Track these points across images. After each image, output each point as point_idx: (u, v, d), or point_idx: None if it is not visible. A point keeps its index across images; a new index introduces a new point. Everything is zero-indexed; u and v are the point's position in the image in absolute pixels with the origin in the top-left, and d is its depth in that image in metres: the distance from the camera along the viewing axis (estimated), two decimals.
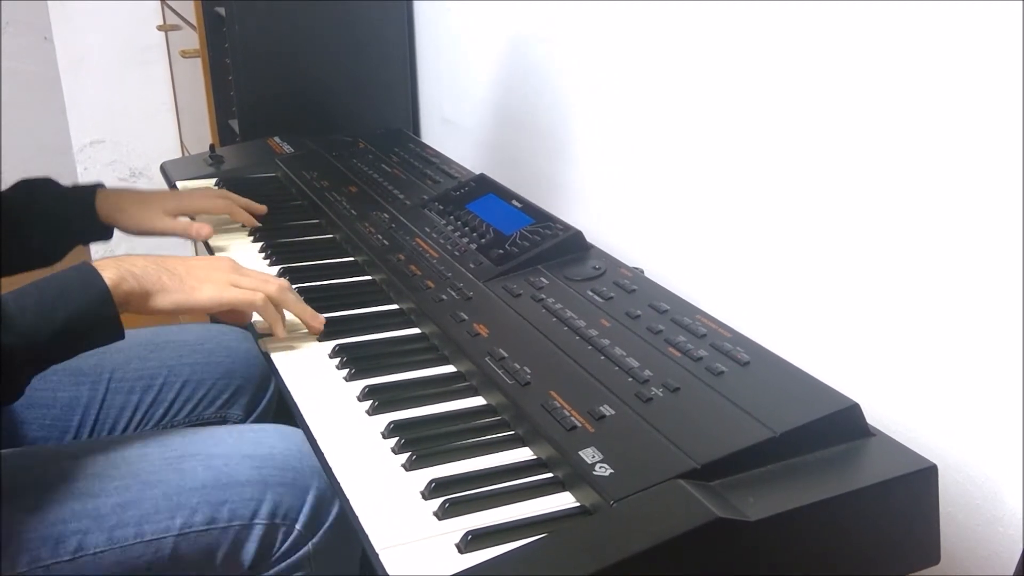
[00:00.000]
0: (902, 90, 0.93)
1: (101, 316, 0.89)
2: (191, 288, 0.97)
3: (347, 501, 0.79)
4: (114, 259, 0.94)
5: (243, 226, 1.37)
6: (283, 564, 0.97)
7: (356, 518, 0.77)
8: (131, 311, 0.93)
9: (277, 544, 0.96)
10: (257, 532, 0.95)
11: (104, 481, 0.93)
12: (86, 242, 1.29)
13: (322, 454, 0.86)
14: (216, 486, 0.94)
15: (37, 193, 1.24)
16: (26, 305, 0.85)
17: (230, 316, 1.04)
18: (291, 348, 1.04)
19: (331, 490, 0.96)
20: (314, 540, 0.97)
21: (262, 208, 1.37)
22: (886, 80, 0.94)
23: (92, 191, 1.26)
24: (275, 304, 1.02)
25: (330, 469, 0.84)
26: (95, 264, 0.91)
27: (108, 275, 0.90)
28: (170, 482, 0.94)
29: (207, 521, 0.93)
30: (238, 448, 0.98)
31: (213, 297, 0.98)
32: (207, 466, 0.96)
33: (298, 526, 0.96)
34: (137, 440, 0.99)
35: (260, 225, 1.37)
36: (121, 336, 0.92)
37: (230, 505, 0.94)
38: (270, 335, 1.04)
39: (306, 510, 0.96)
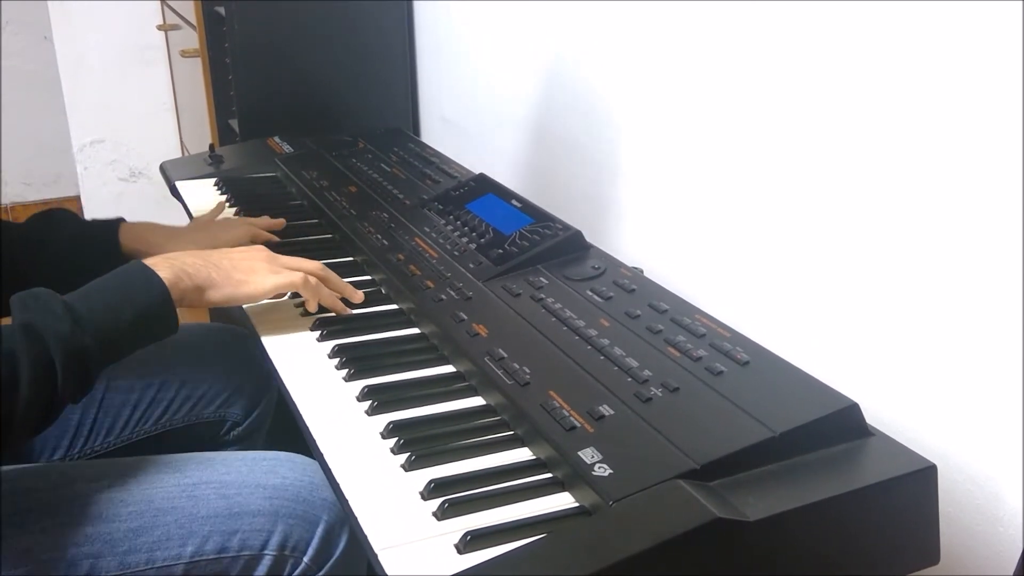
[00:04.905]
0: (900, 92, 0.93)
1: (162, 313, 0.95)
2: (239, 281, 1.03)
3: (346, 501, 0.79)
4: (165, 258, 0.98)
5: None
6: None
7: (355, 518, 0.77)
8: (185, 307, 0.99)
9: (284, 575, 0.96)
10: (266, 563, 0.95)
11: (118, 506, 0.93)
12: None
13: (321, 454, 0.86)
14: (229, 515, 0.94)
15: (56, 226, 1.20)
16: (94, 307, 0.89)
17: (275, 296, 1.09)
18: (290, 348, 1.04)
19: (339, 523, 0.97)
20: (320, 574, 0.97)
21: (280, 222, 1.35)
22: (884, 81, 0.94)
23: (115, 226, 1.22)
24: (317, 280, 1.08)
25: (329, 469, 0.84)
26: (150, 263, 0.96)
27: (165, 275, 0.95)
28: (183, 509, 0.94)
29: (218, 550, 0.93)
30: (252, 477, 0.98)
31: (259, 287, 1.04)
32: (221, 495, 0.96)
33: (306, 559, 0.96)
34: (151, 464, 0.99)
35: (279, 241, 1.33)
36: (176, 331, 0.97)
37: (241, 535, 0.94)
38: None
39: (315, 543, 0.96)
